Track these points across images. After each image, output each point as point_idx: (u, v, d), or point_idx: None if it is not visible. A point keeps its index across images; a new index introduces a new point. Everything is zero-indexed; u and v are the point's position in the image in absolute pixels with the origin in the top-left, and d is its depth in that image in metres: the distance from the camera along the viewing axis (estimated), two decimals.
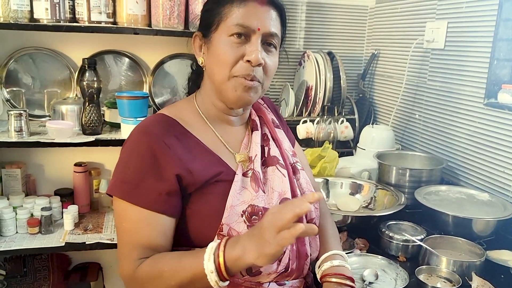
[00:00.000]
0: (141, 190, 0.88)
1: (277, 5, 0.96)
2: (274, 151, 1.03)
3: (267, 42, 0.93)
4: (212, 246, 0.81)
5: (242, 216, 0.89)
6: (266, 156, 1.02)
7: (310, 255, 1.00)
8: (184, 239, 0.94)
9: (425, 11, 1.85)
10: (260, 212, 0.90)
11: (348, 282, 0.94)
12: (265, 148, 1.03)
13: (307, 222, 1.01)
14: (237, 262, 0.78)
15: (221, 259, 0.78)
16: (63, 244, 1.64)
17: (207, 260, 0.79)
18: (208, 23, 0.95)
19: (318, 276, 1.00)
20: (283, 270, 0.94)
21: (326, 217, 1.12)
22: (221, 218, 0.88)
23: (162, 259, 0.87)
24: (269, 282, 0.95)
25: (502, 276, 1.15)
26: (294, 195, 0.99)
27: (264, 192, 0.94)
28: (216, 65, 0.93)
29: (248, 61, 0.90)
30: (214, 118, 1.01)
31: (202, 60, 0.98)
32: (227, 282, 0.81)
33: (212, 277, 0.79)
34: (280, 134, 1.09)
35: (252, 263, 0.77)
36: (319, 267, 1.00)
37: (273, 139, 1.06)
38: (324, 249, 1.03)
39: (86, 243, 1.65)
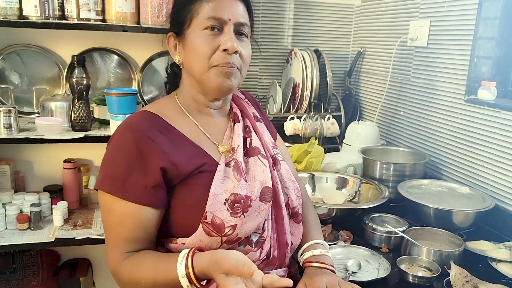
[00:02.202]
0: (127, 185, 0.91)
1: None
2: (255, 142, 1.07)
3: (238, 32, 0.98)
4: (182, 274, 0.85)
5: (225, 204, 0.92)
6: (248, 147, 1.06)
7: (291, 243, 1.04)
8: (169, 229, 0.97)
9: (409, 10, 1.90)
10: (242, 200, 0.94)
11: (328, 266, 1.00)
12: (247, 139, 1.07)
13: (290, 210, 1.06)
14: (206, 276, 0.85)
15: (190, 271, 0.84)
16: (53, 240, 1.65)
17: (181, 277, 0.85)
18: (180, 21, 0.99)
19: (300, 264, 1.05)
20: (265, 257, 0.98)
21: (307, 207, 1.16)
22: (205, 206, 0.91)
23: (140, 265, 0.91)
24: None
25: (480, 265, 1.20)
26: (274, 185, 1.02)
27: (246, 181, 0.97)
28: (194, 59, 0.97)
29: (225, 50, 0.94)
30: (195, 111, 1.04)
31: (179, 58, 1.01)
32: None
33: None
34: (261, 127, 1.13)
35: None
36: (301, 256, 1.05)
37: (254, 131, 1.10)
38: (306, 238, 1.08)
39: (76, 238, 1.67)
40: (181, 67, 1.03)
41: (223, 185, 0.94)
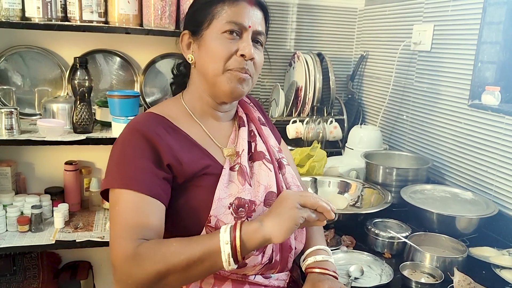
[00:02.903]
0: (138, 175, 0.88)
1: (263, 7, 1.03)
2: (260, 146, 1.06)
3: (255, 39, 0.99)
4: (229, 224, 0.87)
5: (229, 208, 0.92)
6: (252, 151, 1.05)
7: (295, 248, 1.03)
8: (172, 231, 0.95)
9: (413, 14, 1.89)
10: (247, 205, 0.93)
11: (330, 272, 0.99)
12: (252, 143, 1.07)
13: None
14: (254, 235, 0.83)
15: (237, 232, 0.82)
16: (53, 242, 1.65)
17: (223, 231, 0.83)
18: (199, 21, 0.99)
19: (303, 270, 1.04)
20: (267, 261, 0.97)
21: None
22: (209, 210, 0.90)
23: (166, 242, 0.84)
24: (255, 274, 0.98)
25: (484, 272, 1.19)
26: (279, 189, 1.02)
27: (251, 186, 0.97)
28: (210, 60, 0.97)
29: (242, 55, 0.96)
30: (201, 114, 1.04)
31: (192, 57, 1.01)
32: (235, 266, 0.83)
33: (226, 249, 0.81)
34: (266, 131, 1.13)
35: (269, 235, 0.83)
36: (303, 261, 1.05)
37: (260, 136, 1.09)
38: (309, 244, 1.07)
39: (77, 241, 1.66)
40: (192, 66, 1.03)
41: (227, 189, 0.94)
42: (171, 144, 0.92)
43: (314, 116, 2.05)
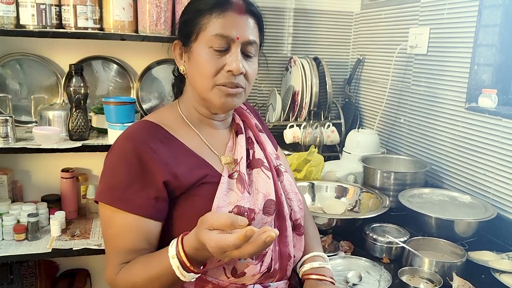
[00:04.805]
0: (129, 196, 0.89)
1: (255, 13, 0.98)
2: (258, 153, 1.05)
3: (245, 51, 0.96)
4: (173, 240, 0.85)
5: None
6: (251, 158, 1.04)
7: (294, 256, 1.02)
8: (170, 240, 0.95)
9: (409, 17, 1.89)
10: (246, 213, 0.92)
11: (327, 279, 0.98)
12: (250, 151, 1.05)
13: (292, 222, 1.04)
14: (198, 252, 0.80)
15: (180, 250, 0.81)
16: (50, 251, 1.63)
17: (170, 245, 0.83)
18: (188, 33, 0.97)
19: (300, 276, 1.04)
20: (266, 270, 0.96)
21: (307, 218, 1.14)
22: None
23: (134, 267, 0.89)
24: (254, 283, 0.97)
25: (483, 276, 1.18)
26: (277, 196, 1.01)
27: (250, 194, 0.96)
28: (198, 76, 0.95)
29: (230, 70, 0.92)
30: (197, 122, 1.03)
31: (184, 68, 1.00)
32: (193, 275, 0.82)
33: (174, 263, 0.81)
34: (264, 137, 1.12)
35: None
36: (300, 268, 1.04)
37: (257, 143, 1.08)
38: (305, 250, 1.07)
39: (73, 249, 1.65)
40: (185, 76, 1.01)
41: (226, 197, 0.93)
42: (165, 158, 0.91)
43: (311, 121, 2.04)
